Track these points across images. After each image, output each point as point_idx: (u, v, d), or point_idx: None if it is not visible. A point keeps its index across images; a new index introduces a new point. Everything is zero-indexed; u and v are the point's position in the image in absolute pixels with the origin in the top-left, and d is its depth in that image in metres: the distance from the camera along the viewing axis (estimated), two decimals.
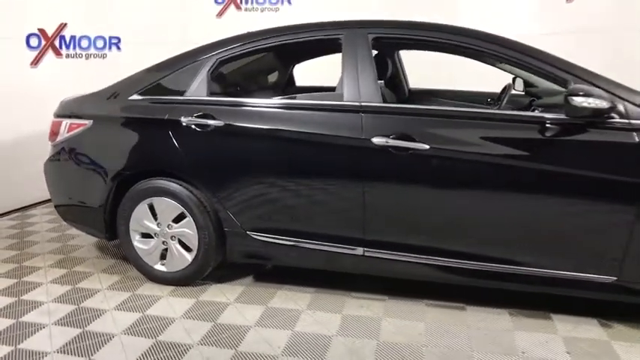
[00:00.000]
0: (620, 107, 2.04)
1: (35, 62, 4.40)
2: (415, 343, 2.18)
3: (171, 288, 2.75)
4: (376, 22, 2.48)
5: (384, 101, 2.40)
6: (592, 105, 1.95)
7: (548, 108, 2.23)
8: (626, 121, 2.04)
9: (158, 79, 2.73)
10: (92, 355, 2.15)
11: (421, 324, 2.34)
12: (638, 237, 2.06)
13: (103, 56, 4.94)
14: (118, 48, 5.05)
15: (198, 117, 2.56)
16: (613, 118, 2.04)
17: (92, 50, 4.85)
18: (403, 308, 2.48)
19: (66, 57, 4.63)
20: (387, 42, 2.50)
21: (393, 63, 3.44)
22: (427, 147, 2.21)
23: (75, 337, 2.28)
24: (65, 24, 4.60)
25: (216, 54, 2.66)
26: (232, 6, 5.96)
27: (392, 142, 2.25)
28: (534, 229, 2.21)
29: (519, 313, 2.40)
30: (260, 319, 2.41)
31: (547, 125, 2.11)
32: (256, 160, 2.52)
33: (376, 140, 2.27)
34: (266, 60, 3.18)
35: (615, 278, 2.14)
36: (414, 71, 3.65)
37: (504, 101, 2.77)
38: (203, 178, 2.60)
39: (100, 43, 4.90)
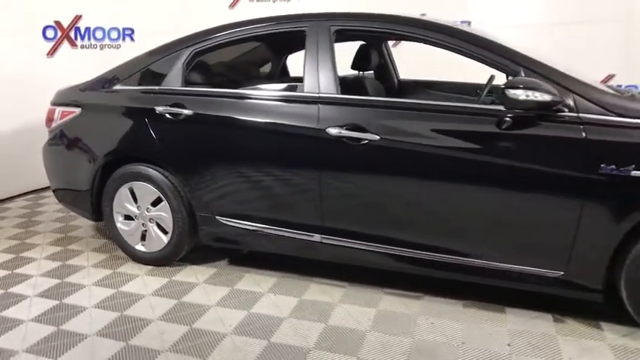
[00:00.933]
0: (569, 101, 2.01)
1: (51, 53, 4.66)
2: (360, 328, 2.25)
3: (149, 268, 2.92)
4: (338, 15, 2.52)
5: (371, 93, 2.46)
6: (530, 98, 1.93)
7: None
8: (575, 115, 2.01)
9: (139, 70, 2.88)
10: (61, 324, 2.33)
11: (373, 310, 2.39)
12: (583, 233, 2.04)
13: (117, 47, 5.16)
14: (132, 39, 5.27)
15: (170, 106, 2.69)
16: (562, 111, 2.02)
17: (106, 41, 5.08)
18: (361, 295, 2.54)
19: (81, 48, 4.88)
20: (349, 34, 2.53)
21: (381, 54, 3.46)
22: (378, 138, 2.26)
23: (51, 309, 2.48)
24: (80, 16, 4.84)
25: (191, 46, 2.77)
26: None
27: (345, 132, 2.30)
28: (482, 222, 2.22)
29: (475, 305, 2.41)
30: (221, 300, 2.53)
31: (496, 118, 2.11)
32: (222, 149, 2.63)
33: (331, 131, 2.33)
34: (246, 51, 3.27)
35: (562, 273, 2.13)
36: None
37: (485, 92, 2.76)
38: (175, 165, 2.73)
39: (114, 35, 5.13)
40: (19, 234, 3.52)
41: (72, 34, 4.81)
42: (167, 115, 2.69)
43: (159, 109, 2.71)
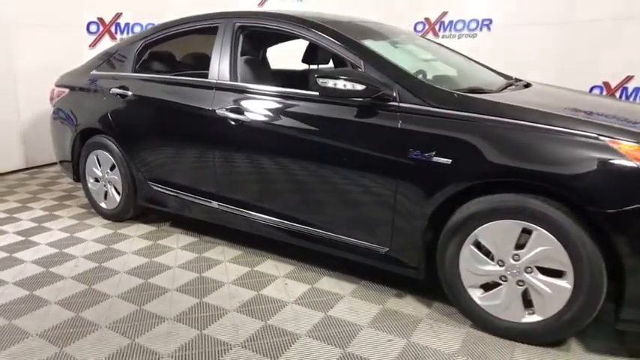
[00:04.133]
0: (391, 91, 2.21)
1: (93, 45, 5.54)
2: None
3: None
4: (242, 13, 2.88)
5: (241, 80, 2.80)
6: (338, 87, 2.17)
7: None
8: (396, 104, 2.21)
9: (107, 58, 3.50)
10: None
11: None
12: (400, 212, 2.23)
13: None
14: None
15: (119, 88, 3.26)
16: (387, 100, 2.22)
17: None
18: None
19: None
20: (251, 30, 2.86)
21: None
22: (250, 119, 2.62)
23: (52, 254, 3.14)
24: (120, 13, 5.67)
25: (143, 39, 3.33)
26: None
27: (227, 113, 2.69)
28: (321, 197, 2.48)
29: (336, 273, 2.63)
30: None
31: (324, 103, 2.37)
32: (149, 124, 3.15)
33: (218, 112, 2.73)
34: (182, 43, 3.65)
35: (387, 249, 2.33)
36: None
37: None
38: (121, 137, 3.30)
39: None
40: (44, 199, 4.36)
41: (112, 29, 5.66)
42: (117, 96, 3.27)
43: (112, 90, 3.30)
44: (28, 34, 5.01)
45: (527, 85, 2.77)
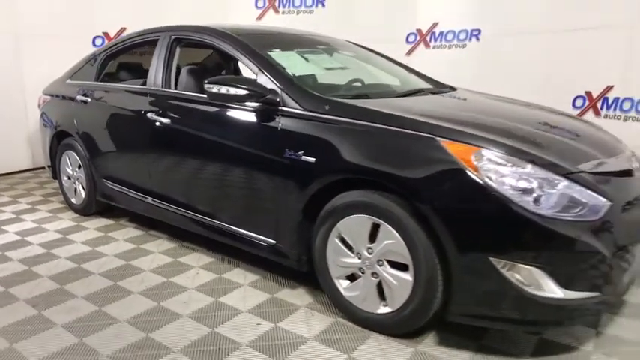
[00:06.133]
0: (274, 97, 2.40)
1: None
2: (187, 285, 2.68)
3: (88, 217, 3.82)
4: (175, 27, 3.17)
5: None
6: (222, 91, 2.38)
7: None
8: (280, 108, 2.41)
9: (78, 68, 3.90)
10: (5, 252, 3.20)
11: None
12: (280, 207, 2.41)
13: None
14: None
15: (82, 95, 3.64)
16: (273, 104, 2.42)
17: None
18: (217, 267, 2.90)
19: None
20: (184, 42, 3.14)
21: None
22: (168, 122, 2.90)
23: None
24: (125, 28, 6.15)
25: (103, 51, 3.71)
26: (271, 10, 6.89)
27: (154, 116, 2.98)
28: (226, 194, 2.70)
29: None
30: (94, 242, 3.32)
31: (223, 107, 2.62)
32: (100, 127, 3.48)
33: (148, 115, 3.02)
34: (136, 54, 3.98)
35: (275, 242, 2.52)
36: None
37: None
38: (83, 139, 3.67)
39: None
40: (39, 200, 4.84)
41: None
42: (80, 102, 3.65)
43: (78, 97, 3.68)
44: (37, 44, 5.55)
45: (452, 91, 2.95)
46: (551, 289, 1.84)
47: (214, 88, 2.41)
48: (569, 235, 1.80)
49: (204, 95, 2.73)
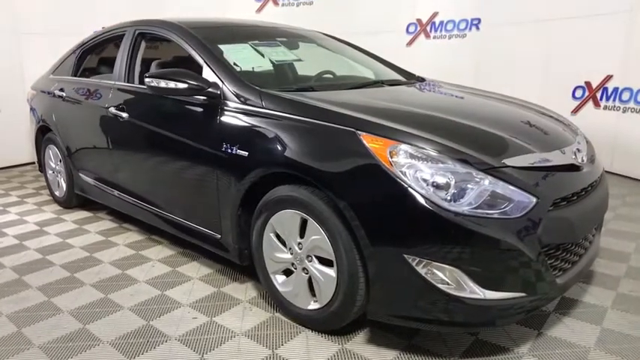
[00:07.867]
0: (215, 90, 2.38)
1: None
2: (139, 278, 2.93)
3: (69, 210, 3.95)
4: (140, 22, 3.18)
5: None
6: (161, 85, 2.38)
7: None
8: (220, 101, 2.39)
9: (59, 64, 3.98)
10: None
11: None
12: (221, 201, 2.40)
13: None
14: None
15: (59, 90, 3.71)
16: (214, 98, 2.40)
17: None
18: (174, 260, 2.95)
19: None
20: (148, 36, 3.15)
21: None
22: (126, 115, 2.92)
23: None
24: None
25: (82, 45, 3.76)
26: (270, 2, 6.85)
27: (115, 111, 3.01)
28: (171, 187, 2.72)
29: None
30: (67, 234, 3.44)
31: (169, 100, 2.62)
32: (73, 120, 3.55)
33: (111, 110, 3.06)
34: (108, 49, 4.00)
35: (220, 236, 2.51)
36: None
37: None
38: (61, 133, 3.75)
39: None
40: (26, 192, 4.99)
41: None
42: (57, 97, 3.73)
43: (56, 92, 3.76)
44: (37, 40, 5.69)
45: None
46: (472, 290, 1.77)
47: (154, 82, 2.41)
48: (488, 233, 1.72)
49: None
